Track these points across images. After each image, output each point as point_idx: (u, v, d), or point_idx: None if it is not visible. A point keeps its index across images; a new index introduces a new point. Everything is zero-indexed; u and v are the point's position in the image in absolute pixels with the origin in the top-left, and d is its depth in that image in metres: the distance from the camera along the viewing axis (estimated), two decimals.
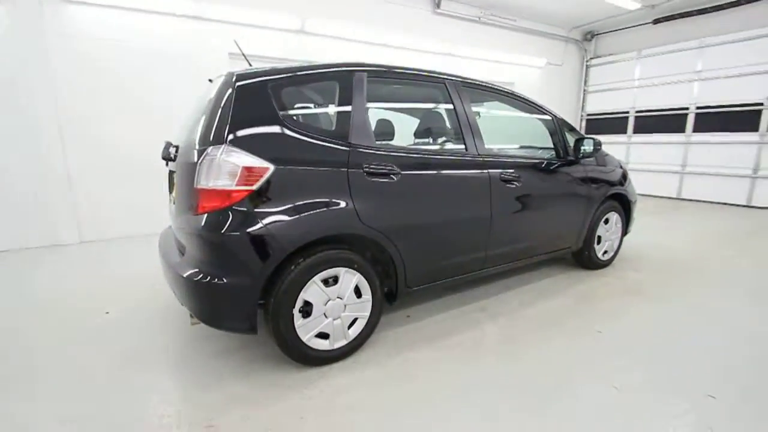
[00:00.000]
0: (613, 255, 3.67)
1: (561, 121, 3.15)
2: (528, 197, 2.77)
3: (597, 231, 3.39)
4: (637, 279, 3.33)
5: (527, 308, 2.76)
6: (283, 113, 1.91)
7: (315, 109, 2.51)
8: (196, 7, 4.65)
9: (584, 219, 3.24)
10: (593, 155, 3.15)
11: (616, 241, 3.65)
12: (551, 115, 3.11)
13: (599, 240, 3.46)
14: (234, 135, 1.78)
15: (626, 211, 3.65)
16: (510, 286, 3.16)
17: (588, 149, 3.03)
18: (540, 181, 2.90)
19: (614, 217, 3.53)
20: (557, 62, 8.55)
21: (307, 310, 1.92)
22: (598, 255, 3.50)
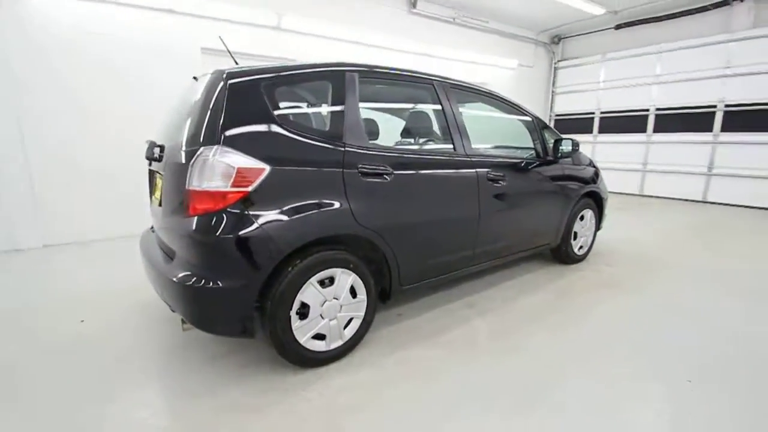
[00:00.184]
0: (588, 250, 3.84)
1: (540, 122, 3.27)
2: (512, 196, 2.86)
3: (573, 227, 3.54)
4: (612, 273, 3.51)
5: (512, 303, 2.85)
6: (277, 113, 1.88)
7: (308, 109, 2.48)
8: (167, 1, 4.46)
9: (562, 216, 3.38)
10: (571, 155, 3.29)
11: (590, 237, 3.82)
12: (531, 116, 3.21)
13: (575, 236, 3.61)
14: (227, 135, 1.73)
15: (599, 208, 3.83)
16: (493, 283, 3.24)
17: (567, 149, 3.16)
18: (523, 180, 3.00)
19: (588, 214, 3.70)
20: (528, 64, 8.82)
21: (304, 312, 1.90)
22: (575, 250, 3.65)
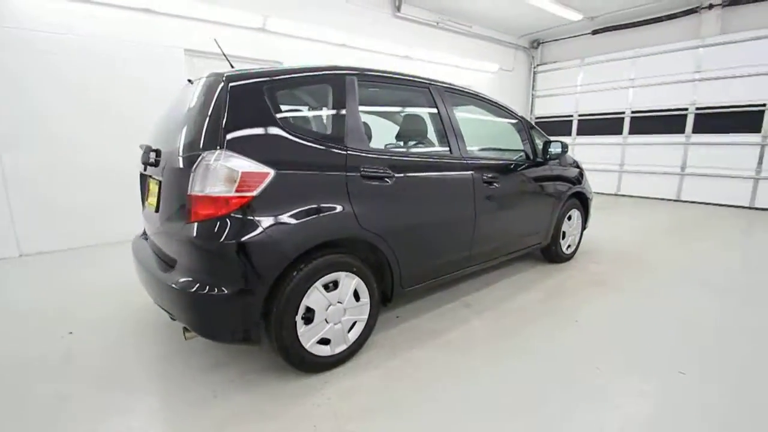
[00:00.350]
0: (575, 249, 3.95)
1: (527, 123, 3.34)
2: (506, 197, 2.92)
3: (562, 227, 3.63)
4: (599, 271, 3.61)
5: (507, 302, 2.90)
6: (279, 116, 1.86)
7: (309, 112, 2.46)
8: (147, 1, 4.34)
9: (552, 216, 3.46)
10: (560, 157, 3.38)
11: (577, 236, 3.93)
12: (521, 120, 3.29)
13: (564, 235, 3.71)
14: (229, 139, 1.70)
15: (585, 208, 3.94)
16: (488, 282, 3.29)
17: (556, 151, 3.24)
18: (515, 182, 3.07)
19: (575, 214, 3.81)
20: (508, 68, 9.01)
21: (309, 317, 1.89)
22: (564, 249, 3.75)
